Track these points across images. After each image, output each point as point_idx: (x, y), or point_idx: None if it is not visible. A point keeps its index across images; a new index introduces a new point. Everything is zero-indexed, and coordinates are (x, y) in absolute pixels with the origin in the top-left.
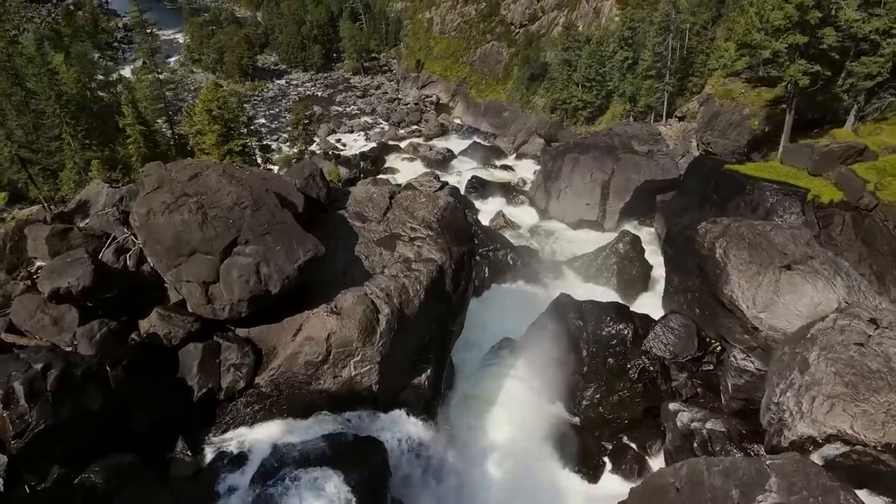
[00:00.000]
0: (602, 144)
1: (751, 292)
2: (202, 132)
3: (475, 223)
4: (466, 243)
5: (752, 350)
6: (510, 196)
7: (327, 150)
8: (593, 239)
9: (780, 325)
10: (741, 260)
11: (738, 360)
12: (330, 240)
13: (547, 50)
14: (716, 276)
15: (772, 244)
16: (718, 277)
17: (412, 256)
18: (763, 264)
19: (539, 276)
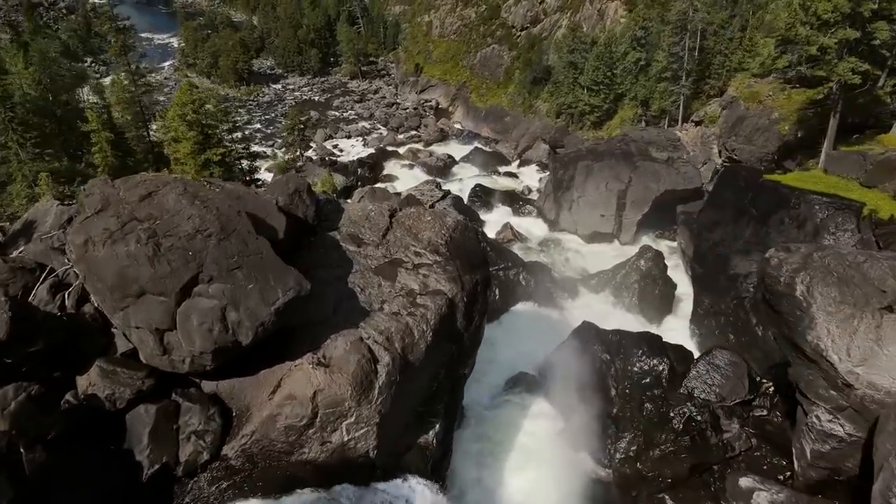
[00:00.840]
0: (617, 151)
1: (844, 340)
2: (178, 139)
3: (484, 239)
4: (480, 270)
5: (842, 410)
6: (516, 206)
7: (324, 156)
8: (609, 253)
9: (882, 382)
10: (830, 299)
11: (823, 421)
12: (318, 269)
13: (550, 53)
14: (795, 317)
15: (866, 279)
16: (799, 320)
17: (417, 288)
18: (858, 305)
19: (553, 297)
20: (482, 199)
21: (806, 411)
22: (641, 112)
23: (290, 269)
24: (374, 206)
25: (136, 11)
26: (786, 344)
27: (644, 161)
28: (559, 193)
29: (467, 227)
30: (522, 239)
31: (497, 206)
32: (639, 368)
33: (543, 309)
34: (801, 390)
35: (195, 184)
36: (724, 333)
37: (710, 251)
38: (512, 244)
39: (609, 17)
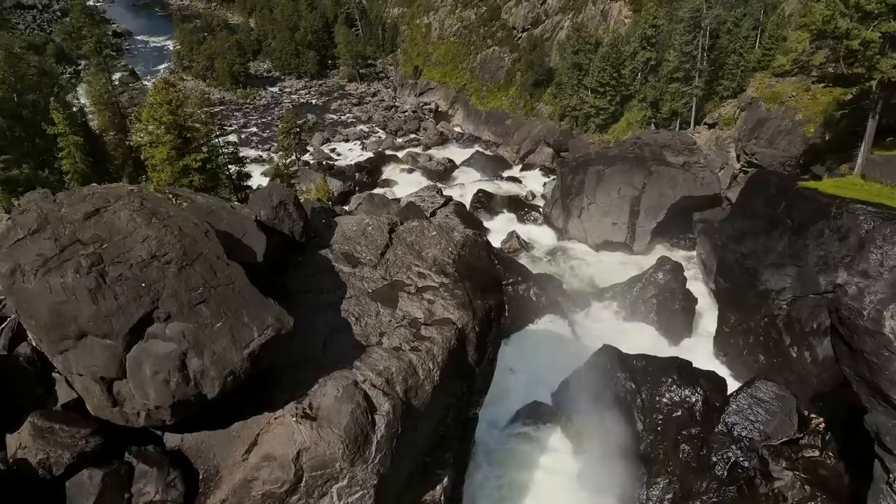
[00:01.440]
0: (630, 155)
1: None
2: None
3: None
4: (493, 293)
5: None
6: (521, 212)
7: (321, 160)
8: (621, 263)
9: None
10: None
11: None
12: (306, 295)
13: (552, 54)
14: (881, 359)
15: None
16: (886, 362)
17: (421, 316)
18: None
19: (565, 313)
20: (485, 206)
21: (888, 468)
22: (651, 114)
23: (268, 303)
24: (371, 220)
25: (131, 14)
26: (865, 387)
27: (659, 166)
28: (568, 200)
29: (477, 242)
30: (529, 248)
31: (501, 213)
32: (669, 399)
33: (555, 327)
34: (882, 443)
35: (156, 197)
36: (754, 354)
37: (737, 264)
38: (518, 254)
39: (613, 18)
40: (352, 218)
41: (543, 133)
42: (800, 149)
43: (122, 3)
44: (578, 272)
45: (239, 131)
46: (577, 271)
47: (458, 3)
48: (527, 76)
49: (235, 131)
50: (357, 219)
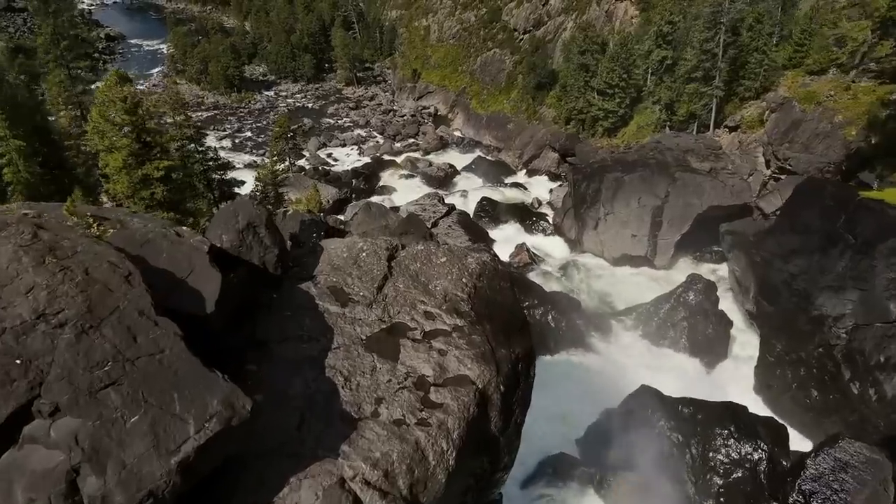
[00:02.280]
0: (651, 161)
1: None
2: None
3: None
4: (519, 338)
5: None
6: (528, 222)
7: (317, 166)
8: (643, 280)
9: None
10: None
11: None
12: (280, 346)
13: (555, 56)
14: None
15: None
16: None
17: (431, 374)
18: None
19: (585, 339)
20: (490, 214)
21: None
22: (665, 117)
23: (213, 379)
24: (365, 244)
25: (125, 18)
26: None
27: (683, 172)
28: (582, 210)
29: (497, 271)
30: (539, 262)
31: (507, 223)
32: (725, 456)
33: (577, 357)
34: None
35: (61, 225)
36: (805, 388)
37: (784, 285)
38: (529, 269)
39: (618, 18)
40: (341, 241)
41: (547, 137)
42: (840, 154)
43: (116, 7)
44: (596, 290)
45: (233, 136)
46: (594, 289)
47: (458, 4)
48: (529, 79)
49: (230, 136)
50: (348, 242)
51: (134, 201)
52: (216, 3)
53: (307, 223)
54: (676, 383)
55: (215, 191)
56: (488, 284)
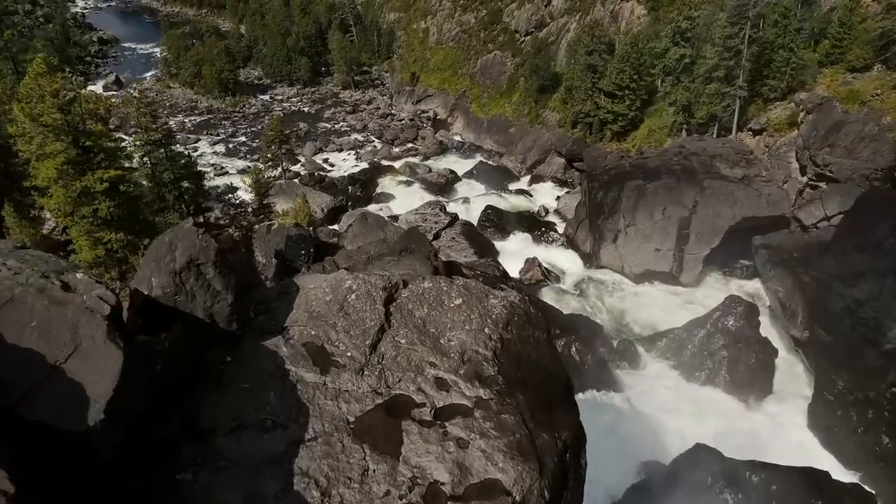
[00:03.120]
0: (676, 168)
1: None
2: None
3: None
4: (564, 413)
5: None
6: (537, 232)
7: (313, 171)
8: (668, 298)
9: None
10: None
11: None
12: (232, 437)
13: (558, 58)
14: None
15: None
16: None
17: (447, 479)
18: None
19: (611, 372)
20: (495, 224)
21: None
22: (683, 119)
23: None
24: (355, 282)
25: (119, 21)
26: None
27: (713, 180)
28: (599, 221)
29: (529, 315)
30: (553, 278)
31: (513, 233)
32: None
33: (604, 395)
34: None
35: None
36: (874, 433)
37: (847, 312)
38: (541, 286)
39: (624, 19)
40: (323, 279)
41: (552, 141)
42: (889, 159)
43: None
44: (618, 310)
45: (227, 140)
46: (615, 309)
47: (457, 6)
48: (531, 81)
49: (223, 141)
50: (332, 280)
51: (74, 220)
52: (211, 7)
53: (294, 239)
54: (718, 424)
55: (188, 202)
56: (519, 335)
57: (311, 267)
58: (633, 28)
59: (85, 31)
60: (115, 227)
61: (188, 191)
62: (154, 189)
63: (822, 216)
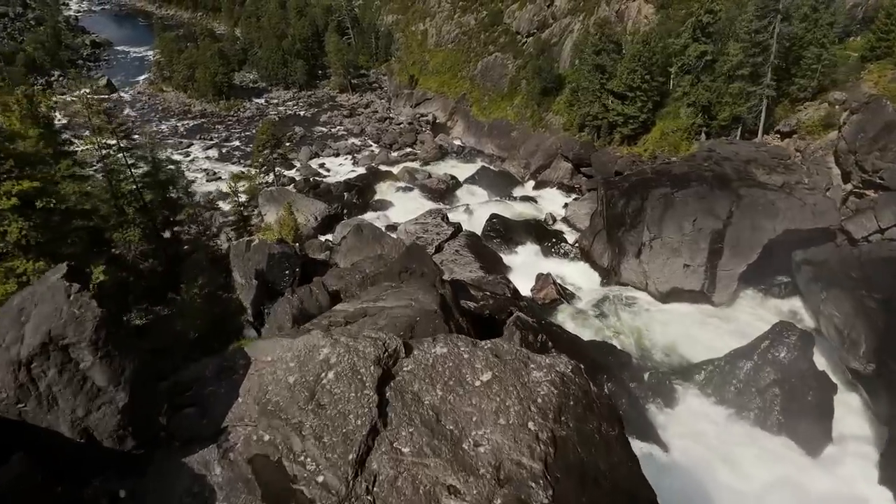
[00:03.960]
0: (707, 174)
1: None
2: None
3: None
4: None
5: None
6: (546, 243)
7: (308, 177)
8: (701, 321)
9: None
10: None
11: None
12: None
13: (561, 59)
14: None
15: None
16: None
17: None
18: None
19: (643, 411)
20: (501, 235)
21: None
22: (702, 121)
23: None
24: (334, 352)
25: (114, 24)
26: None
27: (749, 188)
28: (619, 233)
29: (590, 396)
30: (569, 297)
31: (521, 244)
32: None
33: (640, 445)
34: None
35: None
36: None
37: None
38: (556, 306)
39: (631, 18)
40: (287, 346)
41: (557, 145)
42: None
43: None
44: (645, 336)
45: (220, 145)
46: (642, 334)
47: (457, 8)
48: (533, 83)
49: (216, 145)
50: (301, 348)
51: None
52: (207, 10)
53: (277, 258)
54: (771, 477)
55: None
56: (578, 432)
57: (295, 291)
58: (641, 28)
59: (77, 34)
60: (33, 254)
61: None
62: (110, 202)
63: (875, 228)
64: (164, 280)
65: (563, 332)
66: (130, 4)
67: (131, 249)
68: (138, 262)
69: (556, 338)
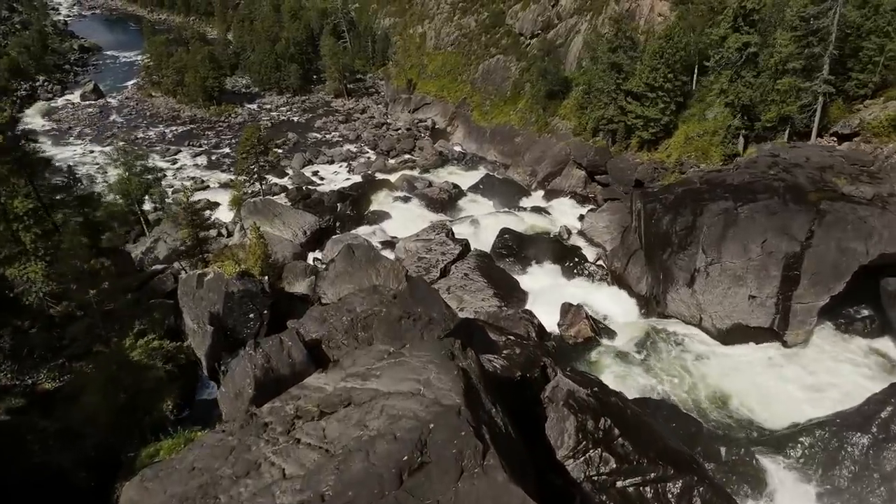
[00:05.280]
0: (776, 184)
1: None
2: None
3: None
4: None
5: None
6: (567, 263)
7: (300, 185)
8: (770, 364)
9: None
10: None
11: None
12: None
13: (567, 61)
14: None
15: None
16: None
17: None
18: None
19: None
20: (514, 253)
21: None
22: (741, 123)
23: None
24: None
25: (104, 28)
26: None
27: (832, 202)
28: (664, 255)
29: None
30: (605, 334)
31: (538, 264)
32: None
33: None
34: None
35: None
36: None
37: None
38: (591, 346)
39: (643, 17)
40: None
41: (568, 151)
42: None
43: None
44: (705, 387)
45: (209, 152)
46: (702, 384)
47: (456, 9)
48: (538, 86)
49: (205, 152)
50: None
51: None
52: (199, 14)
53: (238, 297)
54: None
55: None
56: None
57: (259, 343)
58: (654, 26)
59: (65, 38)
60: None
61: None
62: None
63: None
64: (89, 328)
65: (621, 404)
66: (122, 9)
67: (33, 290)
68: (48, 305)
69: (617, 416)
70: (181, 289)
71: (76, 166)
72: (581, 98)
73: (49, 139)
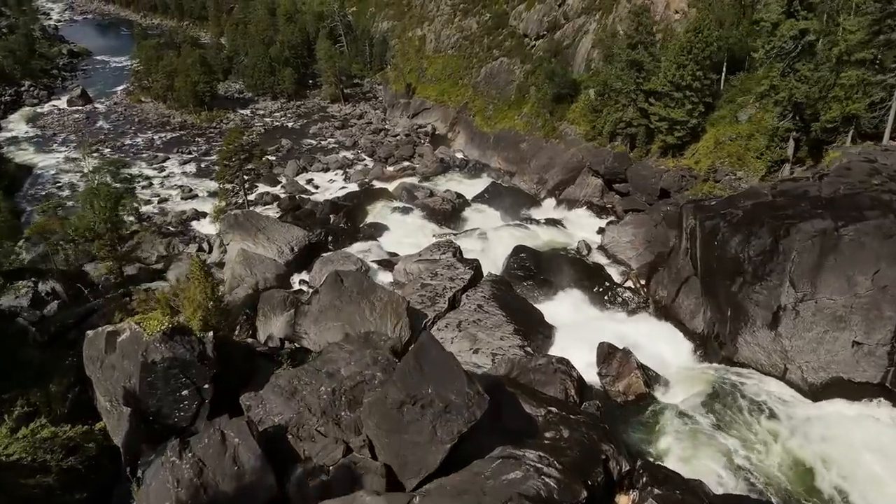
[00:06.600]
0: (886, 198)
1: None
2: None
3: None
4: None
5: None
6: (597, 288)
7: (293, 194)
8: (882, 432)
9: None
10: None
11: None
12: None
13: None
14: None
15: None
16: None
17: None
18: None
19: None
20: (532, 275)
21: None
22: (792, 124)
23: None
24: None
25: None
26: None
27: None
28: (731, 286)
29: None
30: (659, 385)
31: (562, 289)
32: None
33: None
34: None
35: None
36: None
37: None
38: (643, 404)
39: (657, 14)
40: None
41: (581, 157)
42: None
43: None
44: (802, 467)
45: (199, 159)
46: (796, 463)
47: (457, 11)
48: (545, 89)
49: (195, 160)
50: None
51: None
52: (193, 19)
53: (161, 371)
54: None
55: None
56: None
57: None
58: (671, 24)
59: (54, 42)
60: None
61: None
62: None
63: None
64: None
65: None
66: (114, 14)
67: None
68: None
69: None
70: (86, 352)
71: (58, 174)
72: (594, 100)
73: (32, 146)
